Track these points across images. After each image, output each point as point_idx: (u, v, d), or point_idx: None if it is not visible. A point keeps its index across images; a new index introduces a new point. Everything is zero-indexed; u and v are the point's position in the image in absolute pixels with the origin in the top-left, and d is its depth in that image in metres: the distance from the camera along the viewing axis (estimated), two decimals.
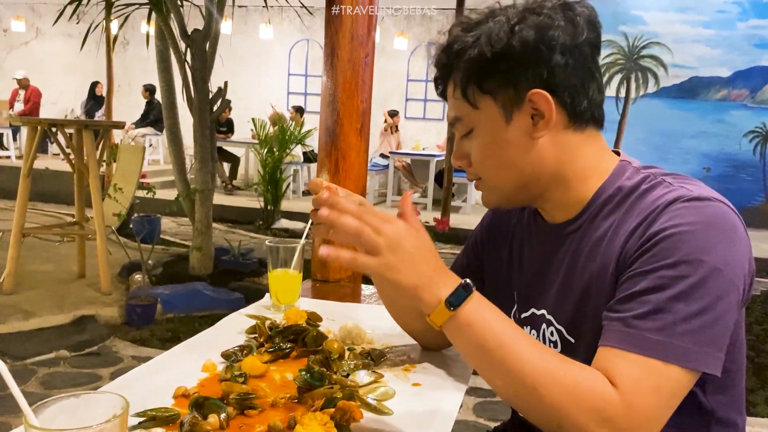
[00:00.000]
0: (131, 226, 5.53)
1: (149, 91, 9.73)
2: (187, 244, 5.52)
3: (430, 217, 5.16)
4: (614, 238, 0.84)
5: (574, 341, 0.91)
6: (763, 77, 7.97)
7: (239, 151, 9.33)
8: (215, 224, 5.49)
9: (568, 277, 0.91)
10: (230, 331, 1.21)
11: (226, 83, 4.66)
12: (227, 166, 9.19)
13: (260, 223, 6.88)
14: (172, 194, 5.00)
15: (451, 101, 0.93)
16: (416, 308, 1.15)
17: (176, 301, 3.95)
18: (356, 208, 0.79)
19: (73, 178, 4.29)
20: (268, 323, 1.17)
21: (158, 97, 5.94)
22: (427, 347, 1.19)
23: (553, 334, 0.94)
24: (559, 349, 0.93)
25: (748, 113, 8.07)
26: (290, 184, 7.73)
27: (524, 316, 0.99)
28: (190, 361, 1.04)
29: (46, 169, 7.43)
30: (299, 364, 1.04)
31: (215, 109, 4.56)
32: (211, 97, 4.49)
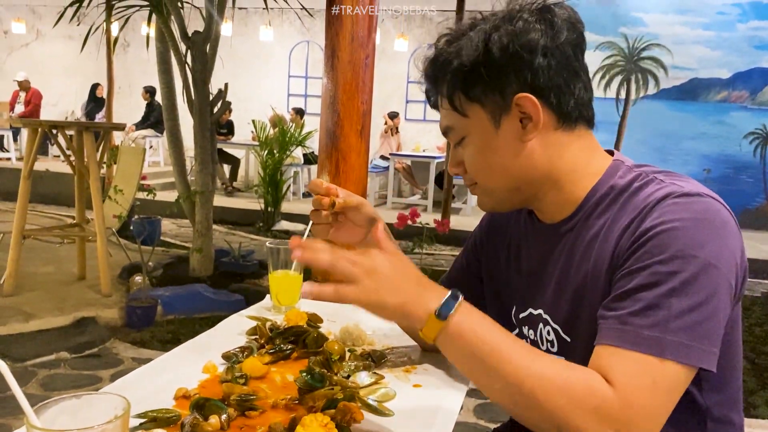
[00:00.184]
0: (131, 227, 5.53)
1: (149, 92, 9.74)
2: (187, 245, 5.52)
3: (430, 218, 5.15)
4: (608, 236, 0.85)
5: (570, 340, 0.91)
6: (763, 79, 7.97)
7: (239, 152, 9.34)
8: (215, 226, 5.50)
9: (563, 276, 0.92)
10: (231, 332, 1.21)
11: (226, 85, 4.66)
12: (227, 167, 9.20)
13: (260, 224, 6.88)
14: (172, 196, 5.00)
15: (442, 111, 0.95)
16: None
17: (176, 302, 3.95)
18: (329, 245, 0.79)
19: (73, 179, 4.29)
20: (268, 324, 1.18)
21: (158, 98, 5.95)
22: (427, 348, 1.19)
23: (549, 333, 0.94)
24: (555, 348, 0.93)
25: (748, 115, 8.07)
26: (290, 185, 7.73)
27: (522, 316, 1.00)
28: (190, 362, 1.04)
29: (46, 170, 7.43)
30: (300, 365, 1.04)
31: (215, 110, 4.57)
32: (211, 99, 4.49)
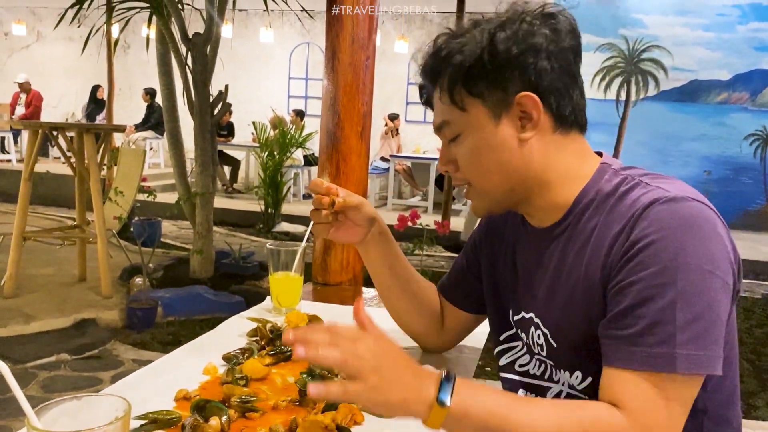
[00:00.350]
0: (132, 229, 5.53)
1: (150, 94, 9.74)
2: (187, 247, 5.52)
3: (430, 220, 5.14)
4: (598, 243, 0.85)
5: (556, 345, 0.92)
6: (763, 80, 7.97)
7: (240, 154, 9.35)
8: (216, 227, 5.50)
9: (554, 281, 0.92)
10: (231, 333, 1.21)
11: (226, 87, 4.67)
12: (228, 169, 9.20)
13: (261, 226, 6.88)
14: (172, 197, 5.00)
15: (438, 106, 0.94)
16: (417, 310, 1.16)
17: (177, 304, 3.95)
18: (328, 336, 0.74)
19: (73, 181, 4.30)
20: (269, 326, 1.18)
21: (159, 100, 5.95)
22: (428, 350, 1.19)
23: (540, 337, 0.95)
24: (545, 352, 0.94)
25: (748, 116, 8.07)
26: (291, 187, 7.74)
27: (516, 318, 1.01)
28: (191, 363, 1.04)
29: (47, 172, 7.41)
30: (300, 366, 1.04)
31: (216, 112, 4.57)
32: (211, 100, 4.49)
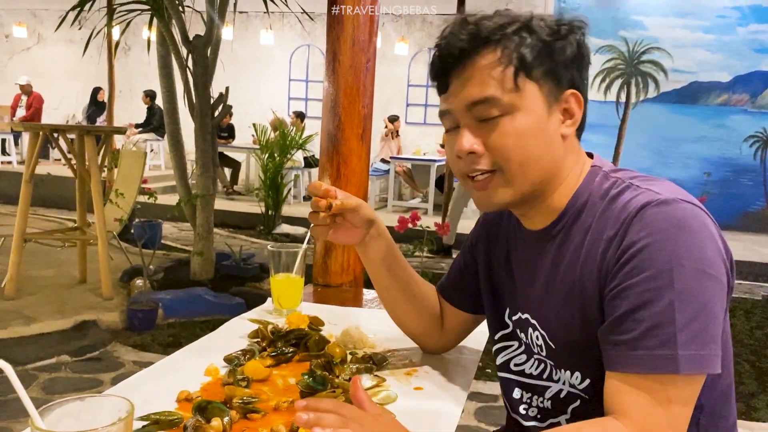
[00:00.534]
0: (132, 231, 5.53)
1: (149, 96, 9.75)
2: (188, 249, 5.52)
3: (430, 222, 5.15)
4: (591, 247, 0.86)
5: (554, 347, 0.93)
6: (763, 82, 7.98)
7: (240, 156, 9.35)
8: (216, 229, 5.50)
9: (549, 284, 0.93)
10: (233, 335, 1.21)
11: (227, 89, 4.67)
12: (228, 171, 9.21)
13: (261, 228, 6.88)
14: (173, 199, 5.01)
15: (480, 79, 0.86)
16: (417, 311, 1.16)
17: (177, 306, 3.95)
18: (333, 404, 0.75)
19: (74, 183, 4.30)
20: (270, 327, 1.18)
21: (159, 102, 5.96)
22: (428, 351, 1.19)
23: (538, 338, 0.96)
24: (545, 352, 0.95)
25: (748, 118, 8.07)
26: (291, 189, 7.74)
27: (514, 318, 1.02)
28: (192, 365, 1.05)
29: (47, 174, 7.43)
30: (301, 368, 1.05)
31: (216, 114, 4.57)
32: (212, 102, 4.50)
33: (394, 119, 9.50)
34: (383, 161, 9.09)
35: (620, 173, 0.91)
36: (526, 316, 0.98)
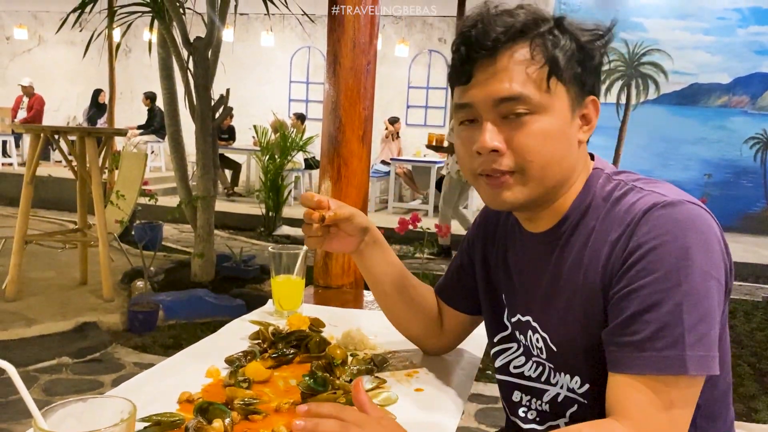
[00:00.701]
0: (133, 232, 5.55)
1: (149, 98, 9.76)
2: (188, 250, 5.52)
3: (431, 223, 5.16)
4: (595, 249, 0.86)
5: (556, 350, 0.92)
6: (763, 84, 7.98)
7: (241, 158, 9.36)
8: (217, 231, 5.50)
9: (552, 287, 0.92)
10: (233, 336, 1.21)
11: (228, 91, 4.68)
12: (229, 173, 9.21)
13: (262, 229, 6.89)
14: (173, 201, 5.01)
15: (512, 75, 0.82)
16: (415, 315, 1.16)
17: (178, 307, 3.96)
18: (334, 409, 0.75)
19: (75, 185, 4.30)
20: (271, 329, 1.18)
21: (159, 104, 5.97)
22: (428, 352, 1.19)
23: (539, 341, 0.95)
24: (545, 355, 0.95)
25: (748, 119, 8.08)
26: (292, 190, 7.74)
27: (513, 320, 1.01)
28: (194, 366, 1.05)
29: (48, 176, 7.44)
30: (302, 369, 1.05)
31: (217, 116, 4.58)
32: (213, 104, 4.50)
33: (394, 121, 9.51)
34: (384, 163, 9.09)
35: (622, 175, 0.91)
36: (527, 318, 0.97)
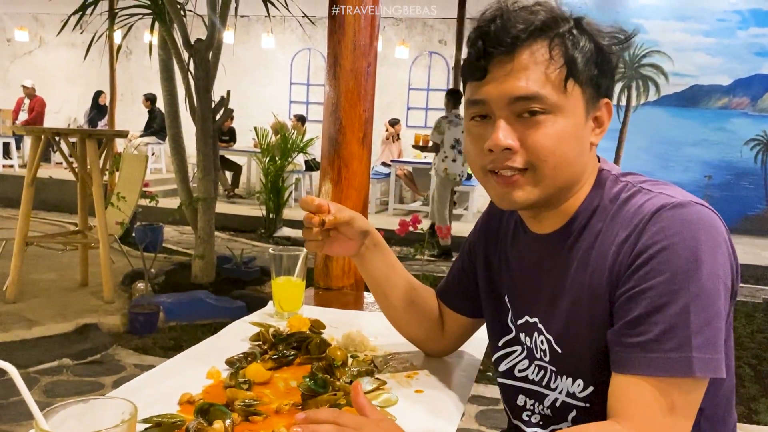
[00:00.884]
0: (134, 234, 5.55)
1: (150, 100, 9.76)
2: (189, 252, 5.53)
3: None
4: (603, 249, 0.86)
5: (560, 351, 0.92)
6: (763, 85, 7.99)
7: (241, 159, 9.36)
8: (217, 233, 5.51)
9: (558, 288, 0.92)
10: (234, 338, 1.21)
11: (228, 92, 4.68)
12: (229, 174, 9.22)
13: (262, 231, 6.89)
14: (174, 203, 5.01)
15: (529, 74, 0.82)
16: (416, 318, 1.16)
17: (178, 309, 3.96)
18: (332, 414, 0.75)
19: (76, 186, 4.31)
20: (271, 331, 1.18)
21: (159, 106, 5.97)
22: (429, 354, 1.19)
23: (543, 342, 0.95)
24: (548, 357, 0.94)
25: (748, 121, 8.08)
26: (292, 192, 7.75)
27: (519, 323, 1.00)
28: (194, 368, 1.05)
29: (49, 177, 7.45)
30: (303, 371, 1.05)
31: (218, 118, 4.59)
32: (213, 106, 4.51)
33: (394, 123, 9.51)
34: (384, 164, 9.10)
35: (629, 177, 0.90)
36: (534, 319, 0.96)
